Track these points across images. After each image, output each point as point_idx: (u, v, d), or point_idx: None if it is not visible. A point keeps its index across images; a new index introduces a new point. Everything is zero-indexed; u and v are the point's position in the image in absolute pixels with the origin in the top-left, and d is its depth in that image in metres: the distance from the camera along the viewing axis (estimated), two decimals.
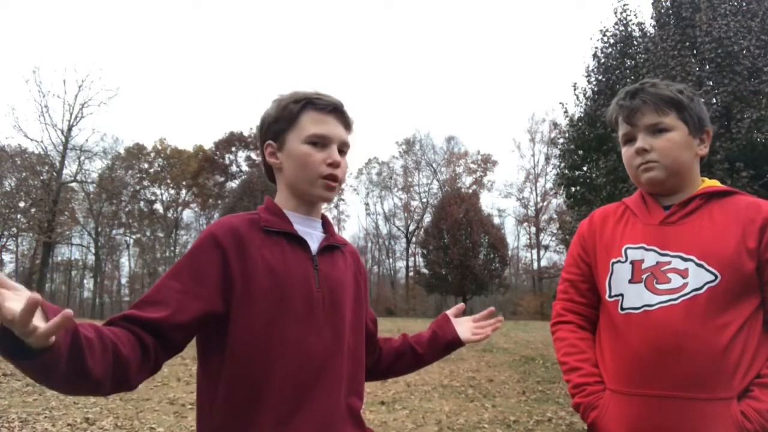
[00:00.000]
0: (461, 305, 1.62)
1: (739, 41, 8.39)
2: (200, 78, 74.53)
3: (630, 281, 1.39)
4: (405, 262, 47.36)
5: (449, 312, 1.58)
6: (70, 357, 0.89)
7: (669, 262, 1.35)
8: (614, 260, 1.44)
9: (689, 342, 1.28)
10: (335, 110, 1.29)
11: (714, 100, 8.57)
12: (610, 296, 1.42)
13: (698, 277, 1.31)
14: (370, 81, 75.03)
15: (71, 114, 31.52)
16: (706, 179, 1.48)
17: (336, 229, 1.40)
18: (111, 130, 60.63)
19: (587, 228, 1.57)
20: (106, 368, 0.97)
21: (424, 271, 37.55)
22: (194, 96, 75.43)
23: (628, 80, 9.62)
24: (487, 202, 48.82)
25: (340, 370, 1.22)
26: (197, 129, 77.26)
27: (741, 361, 1.28)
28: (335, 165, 1.26)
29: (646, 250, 1.39)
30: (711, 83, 8.64)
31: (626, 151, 1.47)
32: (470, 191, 40.17)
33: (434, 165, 47.21)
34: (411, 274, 44.82)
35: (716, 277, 1.31)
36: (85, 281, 47.99)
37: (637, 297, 1.36)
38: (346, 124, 1.32)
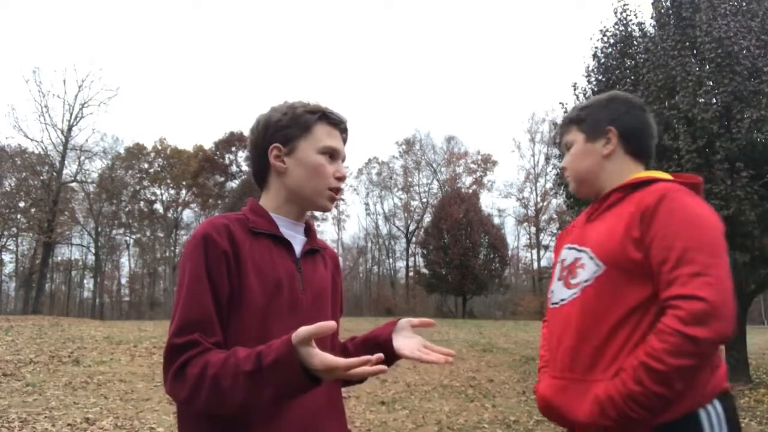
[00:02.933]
0: (428, 320, 1.37)
1: (739, 41, 8.37)
2: (200, 78, 74.65)
3: (558, 279, 1.52)
4: (405, 262, 47.33)
5: (406, 320, 1.38)
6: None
7: (581, 258, 1.44)
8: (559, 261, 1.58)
9: (579, 329, 1.38)
10: (343, 126, 1.36)
11: (714, 100, 8.56)
12: (550, 294, 1.56)
13: (590, 270, 1.39)
14: (371, 81, 75.14)
15: (71, 114, 31.55)
16: (644, 172, 1.50)
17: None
18: (111, 130, 60.80)
19: (561, 234, 1.70)
20: None
21: (424, 271, 37.54)
22: (194, 96, 75.52)
23: (628, 80, 9.61)
24: (487, 202, 48.84)
25: None
26: (197, 129, 77.37)
27: (623, 348, 1.31)
28: (343, 179, 1.33)
29: (569, 248, 1.50)
30: (711, 83, 8.61)
31: None
32: (470, 191, 40.16)
33: (434, 165, 47.18)
34: (411, 274, 44.79)
35: (602, 267, 1.37)
36: (85, 281, 48.03)
37: (558, 293, 1.49)
38: (345, 140, 1.38)
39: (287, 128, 1.30)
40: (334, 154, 1.31)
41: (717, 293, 1.20)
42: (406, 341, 1.32)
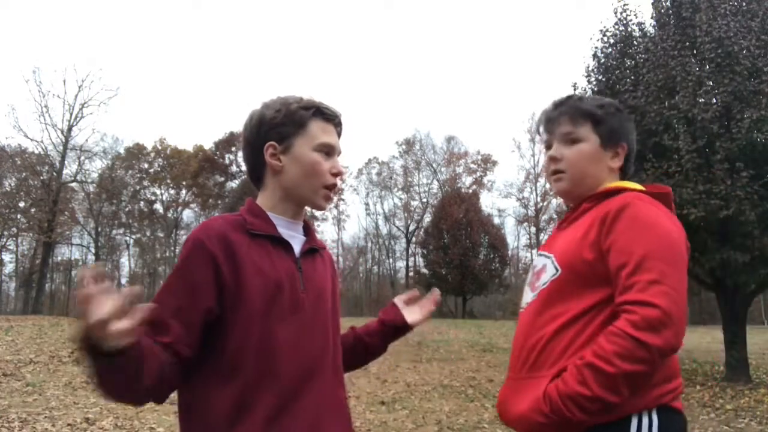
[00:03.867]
0: (414, 291, 1.66)
1: (739, 41, 8.38)
2: (200, 78, 74.62)
3: (527, 283, 1.53)
4: (405, 262, 47.24)
5: (398, 298, 1.62)
6: (134, 360, 1.00)
7: (546, 263, 1.45)
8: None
9: (529, 331, 1.40)
10: (338, 121, 1.34)
11: (714, 100, 8.56)
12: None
13: (548, 274, 1.42)
14: (370, 81, 75.13)
15: (71, 114, 31.49)
16: (615, 182, 1.50)
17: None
18: (111, 130, 60.72)
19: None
20: (156, 377, 1.07)
21: (424, 271, 37.53)
22: (194, 96, 75.54)
23: (628, 80, 9.61)
24: (487, 202, 48.68)
25: (328, 367, 1.26)
26: (197, 129, 77.42)
27: (569, 348, 1.30)
28: (339, 174, 1.32)
29: (540, 255, 1.52)
30: (711, 83, 8.62)
31: (544, 158, 1.58)
32: (470, 191, 40.14)
33: (434, 165, 47.09)
34: (411, 274, 44.75)
35: (558, 271, 1.39)
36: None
37: (525, 296, 1.51)
38: (340, 134, 1.37)
39: (282, 126, 1.28)
40: (329, 151, 1.31)
41: (672, 303, 1.21)
42: (413, 315, 1.57)
